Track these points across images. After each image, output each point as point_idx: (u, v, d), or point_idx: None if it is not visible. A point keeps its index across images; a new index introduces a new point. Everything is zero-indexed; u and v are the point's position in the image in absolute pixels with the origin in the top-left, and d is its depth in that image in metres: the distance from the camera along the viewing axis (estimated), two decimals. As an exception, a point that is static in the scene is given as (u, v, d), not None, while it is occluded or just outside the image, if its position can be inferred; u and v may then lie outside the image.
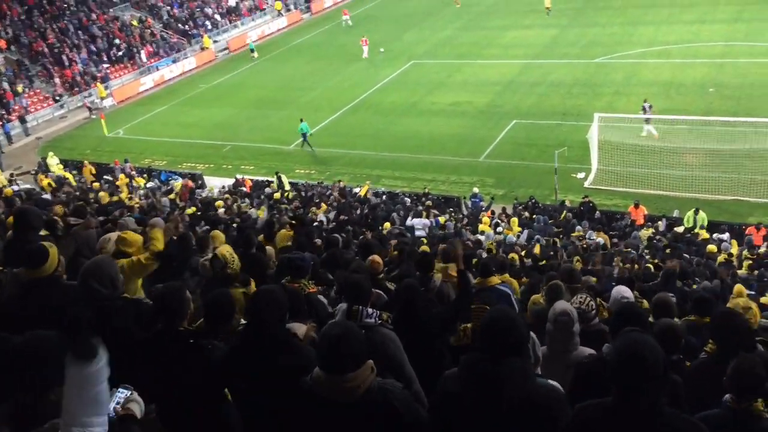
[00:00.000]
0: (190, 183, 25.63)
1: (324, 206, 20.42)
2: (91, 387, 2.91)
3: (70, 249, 6.80)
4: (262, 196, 23.20)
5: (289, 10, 55.32)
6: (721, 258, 15.85)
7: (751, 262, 14.75)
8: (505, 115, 30.34)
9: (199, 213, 17.29)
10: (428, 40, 43.73)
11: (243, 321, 4.70)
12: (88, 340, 2.95)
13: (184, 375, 3.99)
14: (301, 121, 29.79)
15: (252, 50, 46.15)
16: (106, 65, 43.14)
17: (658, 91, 30.26)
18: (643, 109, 25.98)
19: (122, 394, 3.28)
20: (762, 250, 16.68)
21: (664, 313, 5.51)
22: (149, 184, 25.59)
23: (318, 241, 9.77)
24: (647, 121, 25.39)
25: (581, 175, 24.21)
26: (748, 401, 3.60)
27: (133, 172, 27.70)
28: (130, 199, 19.01)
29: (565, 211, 21.14)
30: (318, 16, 55.53)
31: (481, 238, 17.32)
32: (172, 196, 20.89)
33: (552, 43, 39.38)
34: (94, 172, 27.82)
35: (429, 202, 21.61)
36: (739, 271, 14.33)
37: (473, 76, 36.29)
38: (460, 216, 21.52)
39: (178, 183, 25.27)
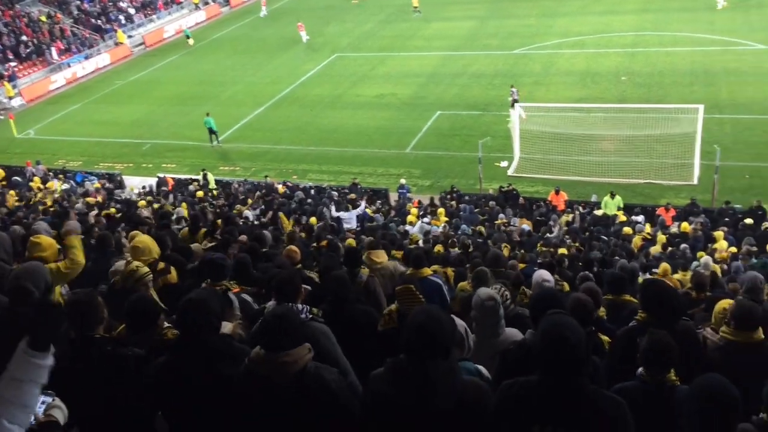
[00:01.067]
0: (108, 183, 24.72)
1: (250, 202, 20.11)
2: (31, 383, 2.90)
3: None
4: (185, 194, 22.61)
5: (207, 3, 54.00)
6: (637, 239, 16.57)
7: (664, 241, 15.48)
8: (429, 107, 30.68)
9: (119, 214, 16.69)
10: (351, 33, 43.66)
11: (167, 324, 4.56)
12: (49, 334, 2.98)
13: (104, 384, 3.82)
14: (207, 115, 29.17)
15: (188, 37, 45.70)
16: (13, 63, 40.94)
17: (575, 81, 31.31)
18: (511, 93, 27.86)
19: (44, 400, 3.14)
20: (674, 230, 17.52)
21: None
22: (64, 186, 24.50)
23: (243, 237, 9.60)
24: (513, 104, 26.90)
25: (504, 164, 24.79)
26: (661, 374, 3.77)
27: (49, 174, 26.44)
28: (43, 203, 18.14)
29: (490, 201, 21.60)
30: (238, 9, 54.50)
31: (409, 229, 17.45)
32: (90, 199, 20.02)
33: (472, 35, 40.06)
34: (2, 175, 26.38)
35: (352, 195, 21.61)
36: (652, 249, 15.01)
37: (397, 68, 36.51)
38: (387, 208, 21.63)
39: (95, 184, 24.31)
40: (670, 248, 14.51)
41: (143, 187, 24.41)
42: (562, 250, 13.75)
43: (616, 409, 2.96)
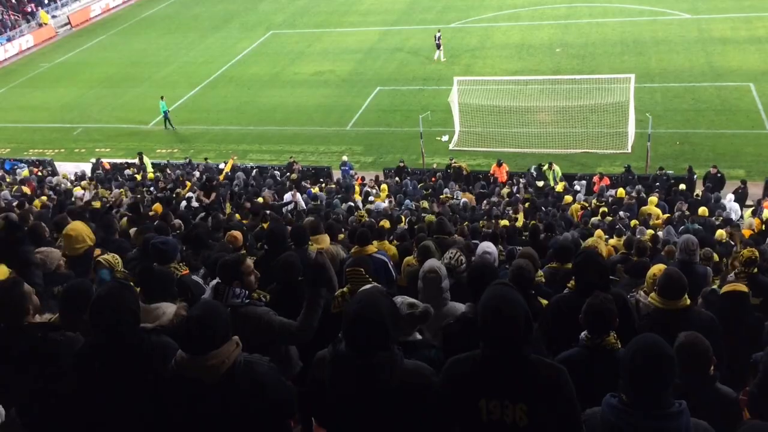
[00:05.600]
0: (38, 170, 23.78)
1: (189, 185, 19.69)
2: None
3: None
4: (121, 179, 21.95)
5: (135, -20, 51.98)
6: (576, 207, 17.00)
7: (605, 209, 15.94)
8: (368, 83, 30.57)
9: (52, 202, 16.13)
10: (285, 10, 42.90)
11: None
12: None
13: (39, 371, 3.72)
14: (162, 99, 28.45)
15: None
16: (-73, 46, 38.74)
17: (511, 53, 31.68)
18: (435, 37, 31.53)
19: None
20: (609, 196, 18.04)
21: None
22: (-8, 175, 23.46)
23: (177, 222, 9.43)
24: (438, 47, 31.34)
25: (445, 138, 24.98)
26: (601, 337, 3.91)
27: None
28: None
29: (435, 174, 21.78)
30: (167, -14, 52.63)
31: (354, 205, 17.44)
32: (26, 189, 19.15)
33: (409, 9, 39.93)
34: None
35: (294, 175, 21.40)
36: (593, 218, 15.43)
37: (333, 44, 36.15)
38: (332, 186, 21.53)
39: (24, 171, 23.35)
40: (608, 217, 14.94)
41: (76, 173, 23.50)
42: (504, 222, 14.01)
43: (557, 377, 3.02)
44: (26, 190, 19.04)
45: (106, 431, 3.61)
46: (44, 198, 16.68)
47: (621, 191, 17.81)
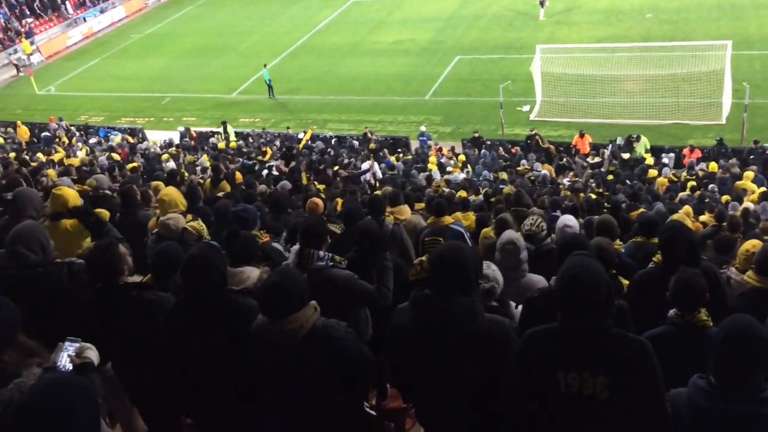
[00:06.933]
0: (130, 138, 24.85)
1: (270, 152, 20.13)
2: None
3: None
4: (206, 147, 22.69)
5: (220, -49, 52.89)
6: (664, 181, 16.34)
7: (693, 183, 15.24)
8: (448, 52, 30.14)
9: (142, 168, 16.85)
10: (366, -22, 42.69)
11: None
12: None
13: (132, 328, 3.94)
14: (264, 67, 28.98)
15: None
16: (29, 19, 40.79)
17: (599, 19, 30.45)
18: None
19: (72, 345, 3.18)
20: (700, 171, 17.21)
21: (607, 233, 5.72)
22: (91, 140, 24.72)
23: (263, 187, 9.66)
24: (542, 4, 31.15)
25: (526, 108, 24.38)
26: (691, 313, 3.72)
27: (72, 131, 26.59)
28: (68, 157, 18.33)
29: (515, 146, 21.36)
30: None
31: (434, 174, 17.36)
32: (116, 156, 20.10)
33: (491, -25, 38.89)
34: (27, 133, 26.57)
35: (372, 145, 21.46)
36: (682, 193, 14.78)
37: (413, 12, 35.75)
38: (408, 158, 21.49)
39: (117, 139, 24.45)
40: (698, 191, 14.27)
41: (164, 141, 24.44)
42: (592, 195, 13.62)
43: (640, 351, 2.90)
44: (116, 156, 19.96)
45: (194, 386, 3.81)
46: (135, 164, 17.42)
47: (713, 165, 16.95)
